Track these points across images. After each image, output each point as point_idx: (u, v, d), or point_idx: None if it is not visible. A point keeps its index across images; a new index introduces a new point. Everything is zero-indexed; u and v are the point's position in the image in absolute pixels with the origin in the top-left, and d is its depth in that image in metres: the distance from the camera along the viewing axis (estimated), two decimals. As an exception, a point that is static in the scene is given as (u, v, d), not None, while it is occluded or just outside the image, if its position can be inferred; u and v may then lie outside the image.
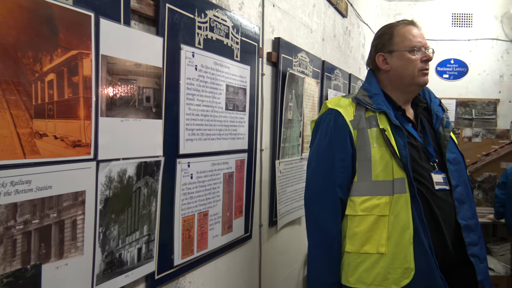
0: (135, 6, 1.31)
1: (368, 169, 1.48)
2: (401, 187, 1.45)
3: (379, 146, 1.48)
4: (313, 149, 1.61)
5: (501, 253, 4.47)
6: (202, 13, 1.62)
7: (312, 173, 1.59)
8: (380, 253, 1.44)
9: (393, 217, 1.44)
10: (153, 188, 1.39)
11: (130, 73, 1.27)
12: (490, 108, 5.49)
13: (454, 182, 1.53)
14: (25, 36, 0.96)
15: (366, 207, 1.47)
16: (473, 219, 1.54)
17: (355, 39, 4.28)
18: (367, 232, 1.46)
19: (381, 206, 1.45)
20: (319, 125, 1.60)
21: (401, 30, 1.58)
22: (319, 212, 1.53)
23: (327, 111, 1.59)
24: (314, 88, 2.84)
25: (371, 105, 1.53)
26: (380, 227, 1.45)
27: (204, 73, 1.65)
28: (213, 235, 1.77)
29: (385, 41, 1.59)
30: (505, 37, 5.49)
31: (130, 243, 1.31)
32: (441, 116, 1.65)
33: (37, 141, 1.00)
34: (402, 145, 1.48)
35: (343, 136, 1.51)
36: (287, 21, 2.53)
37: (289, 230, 2.67)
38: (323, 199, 1.52)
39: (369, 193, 1.47)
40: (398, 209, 1.44)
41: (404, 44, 1.55)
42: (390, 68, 1.58)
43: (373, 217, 1.45)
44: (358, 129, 1.51)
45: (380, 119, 1.52)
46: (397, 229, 1.43)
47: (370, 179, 1.48)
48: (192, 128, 1.59)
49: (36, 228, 1.01)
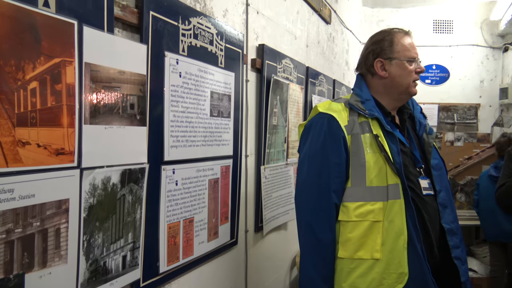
0: (119, 13, 1.32)
1: (362, 175, 1.48)
2: (396, 193, 1.46)
3: (373, 152, 1.49)
4: (304, 153, 1.59)
5: (483, 255, 4.55)
6: (186, 21, 1.63)
7: (305, 178, 1.56)
8: (375, 259, 1.44)
9: (388, 223, 1.45)
10: (138, 195, 1.39)
11: (114, 80, 1.27)
12: (471, 112, 5.60)
13: (437, 187, 1.56)
14: (8, 44, 0.96)
15: (360, 213, 1.46)
16: (454, 222, 1.58)
17: (339, 45, 4.34)
18: (361, 238, 1.46)
19: (375, 212, 1.45)
20: (310, 129, 1.58)
21: (402, 39, 1.59)
22: (313, 218, 1.50)
23: (318, 115, 1.58)
24: (299, 94, 2.86)
25: (364, 111, 1.53)
26: (374, 232, 1.45)
27: (189, 80, 1.65)
28: (199, 241, 1.77)
29: (385, 47, 1.59)
30: (485, 43, 5.61)
31: (115, 250, 1.31)
32: (424, 123, 1.68)
33: (19, 149, 0.99)
34: (395, 151, 1.49)
35: (338, 141, 1.50)
36: (271, 27, 2.56)
37: (275, 235, 2.68)
38: (317, 205, 1.50)
39: (363, 199, 1.47)
40: (392, 215, 1.45)
41: (405, 54, 1.57)
42: (387, 75, 1.58)
43: (367, 223, 1.45)
44: (352, 135, 1.51)
45: (373, 125, 1.52)
46: (391, 235, 1.44)
47: (364, 185, 1.48)
48: (177, 135, 1.59)
49: (19, 237, 1.00)
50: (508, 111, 5.41)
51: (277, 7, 2.65)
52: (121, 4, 1.33)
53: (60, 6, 1.09)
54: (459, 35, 5.65)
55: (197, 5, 1.76)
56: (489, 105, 5.60)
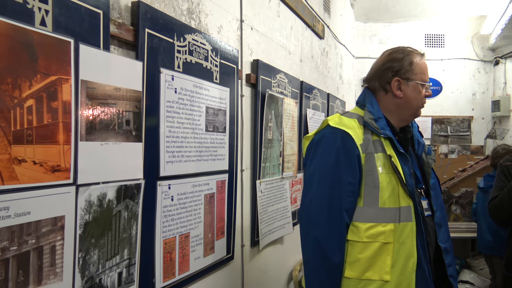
0: (115, 31, 1.33)
1: (375, 195, 1.45)
2: (407, 215, 1.45)
3: (386, 172, 1.46)
4: (314, 168, 1.52)
5: (480, 267, 4.54)
6: (181, 37, 1.65)
7: (315, 195, 1.49)
8: (384, 280, 1.42)
9: (398, 245, 1.43)
10: (134, 211, 1.39)
11: (110, 97, 1.28)
12: (464, 125, 5.65)
13: (435, 207, 1.57)
14: (4, 63, 0.97)
15: (371, 234, 1.43)
16: (448, 241, 1.59)
17: (332, 59, 4.38)
18: (371, 259, 1.43)
19: (386, 234, 1.43)
20: (320, 143, 1.53)
21: (420, 62, 1.58)
22: (323, 238, 1.44)
23: (329, 129, 1.52)
24: (293, 108, 2.89)
25: (378, 130, 1.49)
26: (383, 254, 1.42)
27: (184, 96, 1.67)
28: (195, 257, 1.77)
29: (405, 66, 1.56)
30: (476, 57, 5.69)
31: (111, 267, 1.30)
32: (423, 143, 1.67)
33: (15, 167, 0.99)
34: (407, 173, 1.48)
35: (353, 159, 1.46)
36: (265, 43, 2.59)
37: (271, 249, 2.67)
38: (328, 224, 1.44)
39: (375, 220, 1.44)
40: (404, 237, 1.43)
41: (421, 77, 1.56)
42: (402, 96, 1.56)
43: (378, 244, 1.43)
44: (366, 153, 1.47)
45: (386, 145, 1.49)
46: (402, 257, 1.43)
47: (377, 206, 1.44)
48: (173, 150, 1.60)
49: (14, 255, 1.00)
50: (500, 123, 5.47)
51: (271, 23, 2.68)
52: (117, 22, 1.35)
53: (57, 25, 1.10)
54: (450, 49, 5.74)
55: (192, 22, 1.79)
56: (482, 118, 5.66)
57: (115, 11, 1.37)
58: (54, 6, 1.10)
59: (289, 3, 2.95)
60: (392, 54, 1.62)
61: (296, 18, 3.17)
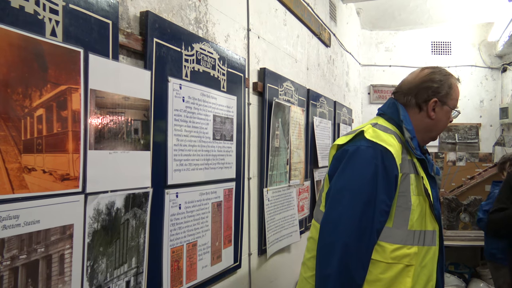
0: (123, 41, 1.35)
1: (406, 217, 1.40)
2: (432, 239, 1.44)
3: (417, 194, 1.42)
4: (345, 182, 1.41)
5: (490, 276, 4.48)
6: (189, 46, 1.66)
7: (344, 210, 1.38)
8: None
9: (420, 268, 1.41)
10: (142, 219, 1.39)
11: (119, 106, 1.29)
12: (472, 132, 5.62)
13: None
14: (15, 72, 0.98)
15: (397, 255, 1.39)
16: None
17: (339, 67, 4.39)
18: (392, 280, 1.39)
19: (411, 256, 1.39)
20: (353, 156, 1.41)
21: (457, 88, 1.56)
22: (350, 255, 1.35)
23: (368, 143, 1.41)
24: (300, 116, 2.89)
25: (414, 150, 1.44)
26: (404, 275, 1.39)
27: (192, 104, 1.68)
28: (202, 265, 1.76)
29: (445, 90, 1.52)
30: (483, 64, 5.68)
31: (119, 276, 1.30)
32: (432, 163, 1.60)
33: (25, 175, 1.00)
34: (435, 196, 1.47)
35: (391, 178, 1.38)
36: (272, 51, 2.60)
37: (278, 258, 2.66)
38: (358, 242, 1.35)
39: (402, 242, 1.40)
40: (426, 261, 1.42)
41: (454, 104, 1.55)
42: (434, 117, 1.52)
43: (401, 266, 1.39)
44: (403, 174, 1.41)
45: (418, 166, 1.45)
46: (422, 280, 1.42)
47: (406, 228, 1.40)
48: (180, 159, 1.61)
49: (23, 264, 1.00)
50: (509, 131, 5.43)
51: (277, 32, 2.70)
52: (126, 31, 1.37)
53: (67, 35, 1.12)
54: (457, 56, 5.73)
55: (199, 31, 1.80)
56: (490, 125, 5.62)
57: (124, 21, 1.38)
58: (64, 17, 1.11)
59: (296, 11, 2.97)
60: (433, 74, 1.55)
61: (303, 27, 3.19)
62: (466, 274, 4.61)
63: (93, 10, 1.20)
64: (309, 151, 3.15)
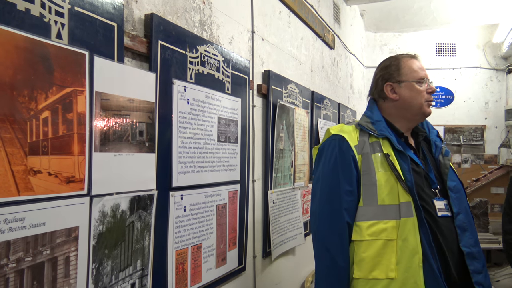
0: (128, 43, 1.35)
1: (373, 194, 1.49)
2: (408, 211, 1.46)
3: (384, 171, 1.50)
4: (317, 176, 1.60)
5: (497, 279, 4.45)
6: (194, 49, 1.67)
7: (319, 199, 1.56)
8: (390, 278, 1.42)
9: (401, 241, 1.44)
10: (146, 222, 1.39)
11: (124, 108, 1.29)
12: (477, 134, 5.59)
13: (455, 209, 1.54)
14: (21, 75, 0.98)
15: (373, 231, 1.46)
16: (476, 246, 1.54)
17: (343, 69, 4.38)
18: (375, 257, 1.44)
19: (389, 230, 1.45)
20: (323, 151, 1.61)
21: (408, 62, 1.64)
22: (327, 239, 1.50)
23: (330, 137, 1.61)
24: (304, 118, 2.88)
25: (374, 131, 1.57)
26: (388, 251, 1.44)
27: (196, 107, 1.68)
28: (207, 268, 1.76)
29: (392, 71, 1.64)
30: (488, 65, 5.65)
31: (124, 278, 1.30)
32: (440, 145, 1.69)
33: (31, 178, 1.00)
34: (406, 169, 1.50)
35: (348, 160, 1.53)
36: (276, 54, 2.60)
37: (283, 260, 2.65)
38: (331, 224, 1.50)
39: (375, 218, 1.48)
40: (406, 233, 1.44)
41: (413, 75, 1.61)
42: (398, 98, 1.62)
43: (381, 242, 1.45)
44: (362, 154, 1.54)
45: (384, 145, 1.55)
46: (406, 253, 1.43)
47: (376, 204, 1.48)
48: (185, 161, 1.60)
49: (29, 266, 1.00)
50: (514, 132, 5.40)
51: (281, 34, 2.70)
52: (131, 34, 1.37)
53: (72, 37, 1.12)
54: (462, 57, 5.71)
55: (204, 34, 1.80)
56: (495, 127, 5.59)
57: (129, 23, 1.39)
58: (70, 20, 1.11)
59: (300, 14, 2.97)
60: (381, 64, 1.72)
61: (307, 29, 3.19)
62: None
63: (98, 13, 1.21)
64: (313, 153, 3.14)
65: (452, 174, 1.63)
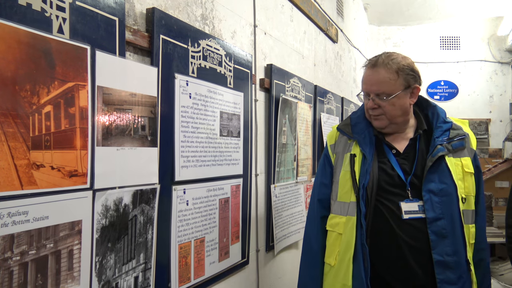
0: (130, 38, 1.35)
1: (336, 190, 1.63)
2: (352, 210, 1.55)
3: (345, 170, 1.60)
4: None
5: (501, 272, 4.45)
6: (196, 43, 1.66)
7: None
8: (330, 265, 1.60)
9: (343, 236, 1.57)
10: (149, 215, 1.40)
11: (126, 102, 1.30)
12: (482, 127, 5.56)
13: (433, 214, 1.47)
14: (23, 70, 0.99)
15: (331, 223, 1.63)
16: (454, 256, 1.46)
17: (346, 63, 4.37)
18: (330, 246, 1.62)
19: (340, 225, 1.58)
20: None
21: (364, 72, 1.64)
22: (308, 227, 1.73)
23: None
24: (307, 112, 2.88)
25: (349, 134, 1.64)
26: (336, 243, 1.59)
27: (198, 101, 1.68)
28: (210, 261, 1.77)
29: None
30: (493, 59, 5.61)
31: (127, 271, 1.31)
32: (435, 144, 1.54)
33: (34, 172, 1.01)
34: (364, 171, 1.54)
35: (324, 159, 1.71)
36: (278, 48, 2.59)
37: (286, 254, 2.66)
38: (310, 212, 1.73)
39: (335, 212, 1.63)
40: (347, 229, 1.56)
41: (362, 87, 1.63)
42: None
43: (335, 234, 1.61)
44: (336, 153, 1.68)
45: (355, 146, 1.61)
46: (343, 246, 1.56)
47: (336, 199, 1.62)
48: (187, 155, 1.61)
49: (32, 259, 1.01)
50: (519, 126, 5.37)
51: (284, 28, 2.69)
52: (132, 28, 1.37)
53: (74, 32, 1.12)
54: (466, 51, 5.67)
55: (206, 28, 1.80)
56: (500, 120, 5.56)
57: (130, 18, 1.39)
58: (71, 14, 1.12)
59: (302, 7, 2.95)
60: None
61: (309, 23, 3.17)
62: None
63: (99, 7, 1.21)
64: (316, 148, 3.14)
65: (444, 176, 1.51)
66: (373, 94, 1.56)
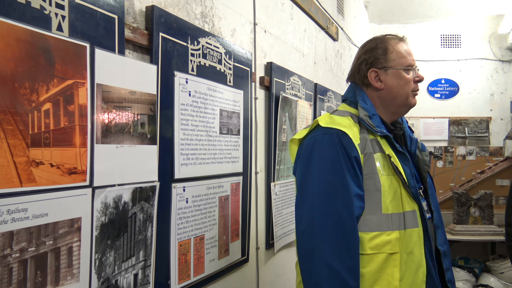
0: (129, 35, 1.35)
1: (377, 201, 1.30)
2: (413, 220, 1.33)
3: (386, 174, 1.33)
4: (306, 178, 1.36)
5: (501, 271, 4.45)
6: (195, 41, 1.67)
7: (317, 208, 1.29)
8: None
9: (406, 254, 1.31)
10: (149, 213, 1.40)
11: (125, 100, 1.30)
12: (482, 126, 5.56)
13: (433, 208, 1.46)
14: (22, 67, 0.99)
15: (376, 244, 1.28)
16: (446, 244, 1.47)
17: (346, 61, 4.36)
18: (376, 273, 1.28)
19: (392, 243, 1.29)
20: (313, 149, 1.35)
21: (397, 46, 1.44)
22: (335, 258, 1.24)
23: (323, 130, 1.35)
24: (307, 110, 2.88)
25: (374, 128, 1.36)
26: (390, 266, 1.28)
27: (198, 99, 1.68)
28: (209, 259, 1.77)
29: (379, 55, 1.44)
30: (494, 57, 5.60)
31: (126, 269, 1.32)
32: (415, 139, 1.54)
33: (33, 169, 1.01)
34: (409, 174, 1.37)
35: (352, 160, 1.30)
36: (278, 46, 2.59)
37: (286, 252, 2.66)
38: (339, 238, 1.25)
39: (379, 228, 1.29)
40: (411, 245, 1.32)
41: (401, 62, 1.42)
42: (383, 87, 1.43)
43: (383, 256, 1.28)
44: (364, 154, 1.33)
45: (383, 144, 1.38)
46: (411, 268, 1.31)
47: (380, 212, 1.30)
48: (187, 153, 1.61)
49: (32, 256, 1.01)
50: (520, 124, 5.36)
51: (284, 26, 2.69)
52: (132, 26, 1.37)
53: (73, 29, 1.13)
54: (467, 49, 5.65)
55: (205, 26, 1.80)
56: (501, 118, 5.55)
57: (129, 15, 1.39)
58: (71, 12, 1.12)
59: (302, 5, 2.95)
60: (365, 45, 1.50)
61: (310, 21, 3.17)
62: (476, 269, 4.58)
63: (99, 5, 1.21)
64: (316, 146, 3.13)
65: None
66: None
